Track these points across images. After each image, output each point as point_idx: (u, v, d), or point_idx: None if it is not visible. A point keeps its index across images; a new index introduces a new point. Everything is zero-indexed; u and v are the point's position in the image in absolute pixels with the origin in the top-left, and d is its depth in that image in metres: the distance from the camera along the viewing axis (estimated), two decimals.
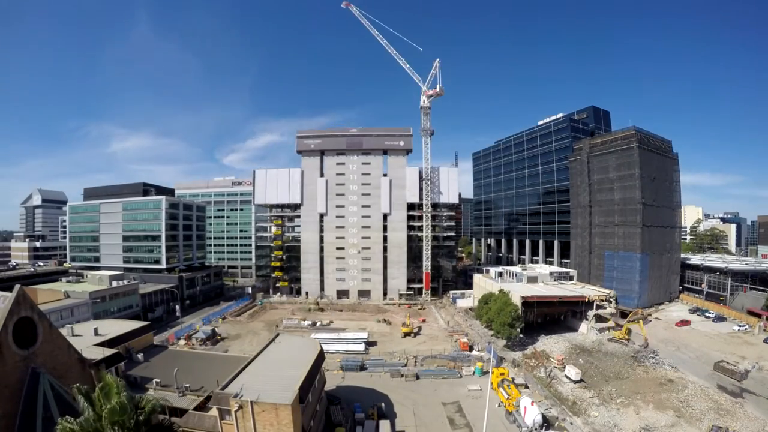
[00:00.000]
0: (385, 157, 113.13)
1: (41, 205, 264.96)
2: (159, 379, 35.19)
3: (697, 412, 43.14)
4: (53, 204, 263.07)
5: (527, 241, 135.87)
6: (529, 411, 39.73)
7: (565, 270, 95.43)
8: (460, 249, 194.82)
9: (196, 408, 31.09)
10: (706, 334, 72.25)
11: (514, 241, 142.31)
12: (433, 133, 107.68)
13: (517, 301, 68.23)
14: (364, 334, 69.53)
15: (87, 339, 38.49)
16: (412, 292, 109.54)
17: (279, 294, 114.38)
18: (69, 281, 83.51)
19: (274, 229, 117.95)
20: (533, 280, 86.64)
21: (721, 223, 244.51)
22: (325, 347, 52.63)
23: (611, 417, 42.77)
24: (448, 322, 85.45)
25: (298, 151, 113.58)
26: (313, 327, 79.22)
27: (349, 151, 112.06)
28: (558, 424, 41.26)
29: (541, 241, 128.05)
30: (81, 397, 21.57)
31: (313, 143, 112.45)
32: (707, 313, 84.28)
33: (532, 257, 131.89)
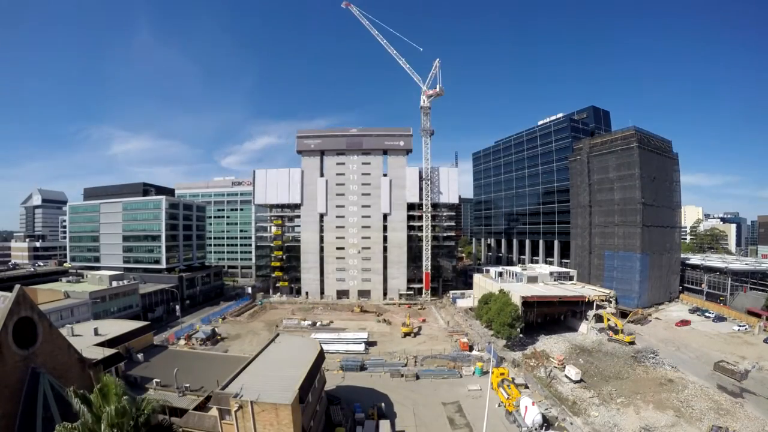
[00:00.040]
0: (385, 157, 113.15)
1: (41, 205, 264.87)
2: (159, 379, 35.22)
3: (697, 412, 43.14)
4: (53, 204, 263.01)
5: (527, 241, 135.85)
6: (529, 411, 39.76)
7: (565, 270, 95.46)
8: (460, 249, 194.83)
9: (196, 408, 31.10)
10: (706, 334, 72.23)
11: (514, 241, 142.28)
12: (433, 133, 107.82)
13: (517, 301, 68.26)
14: (364, 334, 69.54)
15: (87, 339, 38.49)
16: (412, 292, 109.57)
17: (279, 294, 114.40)
18: (69, 281, 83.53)
19: (274, 229, 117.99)
20: (533, 280, 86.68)
21: (721, 223, 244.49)
22: (325, 347, 52.66)
23: (611, 417, 42.76)
24: (448, 322, 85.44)
25: (298, 151, 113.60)
26: (313, 327, 79.23)
27: (349, 151, 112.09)
28: (558, 424, 41.25)
29: (541, 241, 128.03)
30: (77, 400, 21.38)
31: (313, 143, 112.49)
32: (707, 313, 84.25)
33: (532, 257, 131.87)
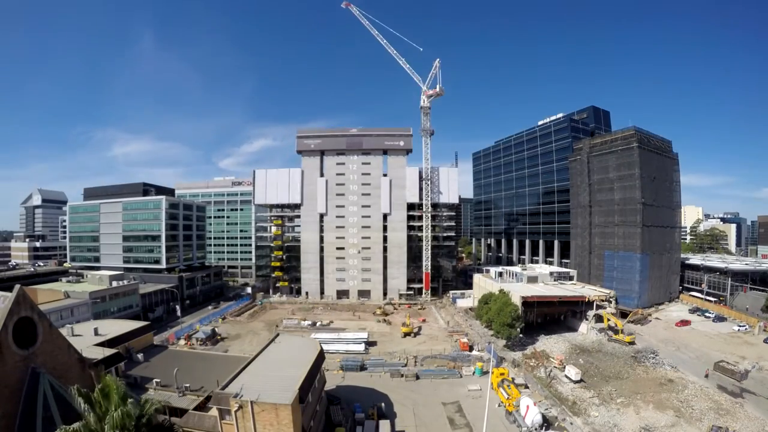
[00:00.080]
0: (385, 157, 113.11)
1: (41, 205, 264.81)
2: (159, 379, 35.20)
3: (697, 412, 43.14)
4: (53, 204, 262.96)
5: (527, 241, 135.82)
6: (529, 411, 39.77)
7: (565, 270, 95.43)
8: (460, 249, 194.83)
9: (196, 408, 31.10)
10: (706, 334, 72.20)
11: (514, 241, 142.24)
12: (433, 133, 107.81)
13: (517, 301, 68.22)
14: (364, 334, 69.52)
15: (87, 339, 38.50)
16: (412, 292, 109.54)
17: (279, 294, 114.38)
18: (69, 281, 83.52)
19: (274, 229, 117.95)
20: (533, 280, 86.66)
21: (721, 223, 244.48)
22: (325, 347, 52.64)
23: (611, 417, 42.75)
24: (448, 322, 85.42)
25: (298, 151, 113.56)
26: (313, 327, 79.22)
27: (349, 151, 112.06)
28: (558, 424, 41.24)
29: (541, 241, 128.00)
30: (80, 400, 21.32)
31: (313, 143, 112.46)
32: (707, 313, 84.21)
33: (532, 257, 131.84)
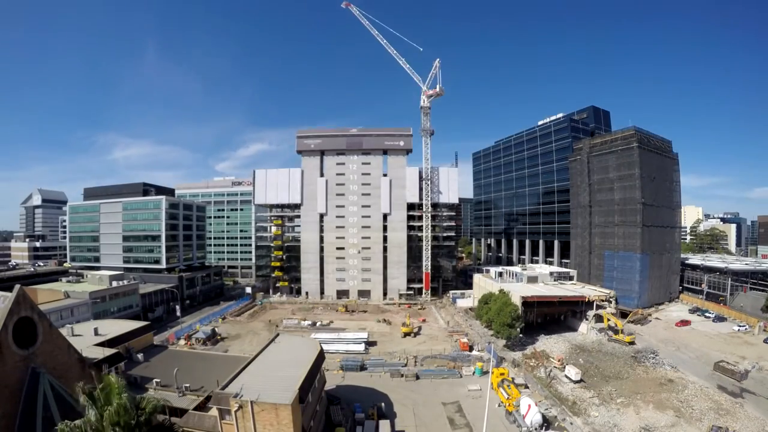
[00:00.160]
0: (385, 157, 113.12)
1: (41, 205, 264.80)
2: (159, 379, 35.21)
3: (697, 412, 43.13)
4: (53, 204, 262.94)
5: (527, 241, 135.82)
6: (529, 411, 39.77)
7: (565, 270, 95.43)
8: (460, 249, 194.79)
9: (196, 408, 31.08)
10: (706, 334, 72.22)
11: (514, 241, 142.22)
12: (433, 133, 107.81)
13: (517, 301, 68.23)
14: (364, 334, 69.54)
15: (87, 339, 38.53)
16: (412, 292, 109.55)
17: (279, 294, 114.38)
18: (69, 281, 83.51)
19: (274, 229, 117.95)
20: (533, 280, 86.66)
21: (721, 223, 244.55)
22: (325, 347, 52.62)
23: (611, 417, 42.74)
24: (448, 322, 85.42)
25: (298, 151, 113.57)
26: (313, 327, 79.23)
27: (349, 151, 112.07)
28: (558, 424, 41.24)
29: (541, 241, 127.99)
30: (84, 397, 21.46)
31: (313, 143, 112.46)
32: (707, 313, 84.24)
33: (532, 257, 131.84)
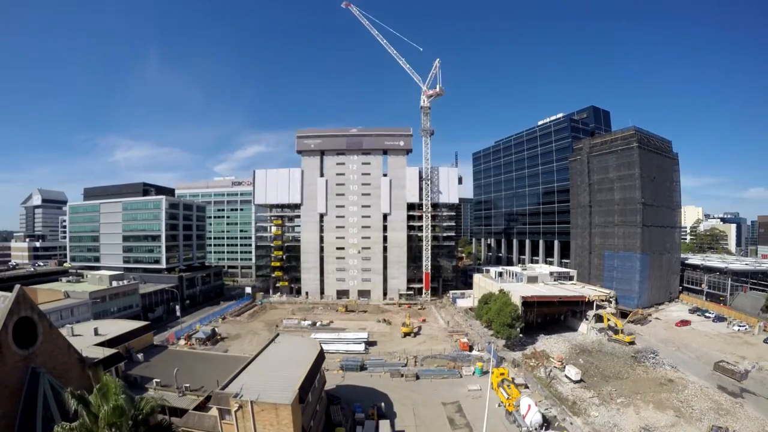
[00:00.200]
0: (385, 157, 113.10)
1: (41, 205, 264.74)
2: (159, 379, 35.20)
3: (697, 412, 43.12)
4: (53, 204, 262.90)
5: (527, 241, 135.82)
6: (529, 411, 39.76)
7: (565, 270, 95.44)
8: (460, 249, 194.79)
9: (196, 408, 31.08)
10: (706, 334, 72.23)
11: (514, 241, 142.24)
12: (433, 133, 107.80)
13: (517, 301, 68.23)
14: (364, 334, 69.54)
15: (87, 339, 38.45)
16: (412, 292, 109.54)
17: (279, 294, 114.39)
18: (69, 281, 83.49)
19: (274, 229, 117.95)
20: (533, 280, 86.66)
21: (721, 223, 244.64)
22: (325, 347, 52.58)
23: (611, 417, 42.73)
24: (448, 322, 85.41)
25: (298, 151, 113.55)
26: (313, 327, 79.23)
27: (349, 151, 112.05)
28: (558, 424, 41.23)
29: (541, 241, 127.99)
30: (74, 401, 21.03)
31: (313, 143, 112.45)
32: (707, 313, 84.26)
33: (532, 257, 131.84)
